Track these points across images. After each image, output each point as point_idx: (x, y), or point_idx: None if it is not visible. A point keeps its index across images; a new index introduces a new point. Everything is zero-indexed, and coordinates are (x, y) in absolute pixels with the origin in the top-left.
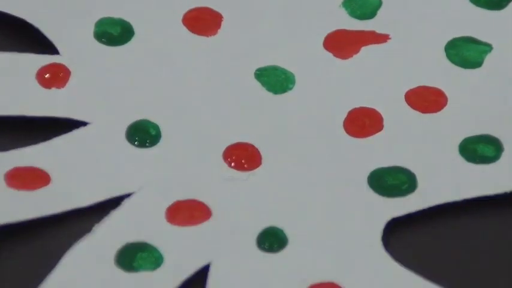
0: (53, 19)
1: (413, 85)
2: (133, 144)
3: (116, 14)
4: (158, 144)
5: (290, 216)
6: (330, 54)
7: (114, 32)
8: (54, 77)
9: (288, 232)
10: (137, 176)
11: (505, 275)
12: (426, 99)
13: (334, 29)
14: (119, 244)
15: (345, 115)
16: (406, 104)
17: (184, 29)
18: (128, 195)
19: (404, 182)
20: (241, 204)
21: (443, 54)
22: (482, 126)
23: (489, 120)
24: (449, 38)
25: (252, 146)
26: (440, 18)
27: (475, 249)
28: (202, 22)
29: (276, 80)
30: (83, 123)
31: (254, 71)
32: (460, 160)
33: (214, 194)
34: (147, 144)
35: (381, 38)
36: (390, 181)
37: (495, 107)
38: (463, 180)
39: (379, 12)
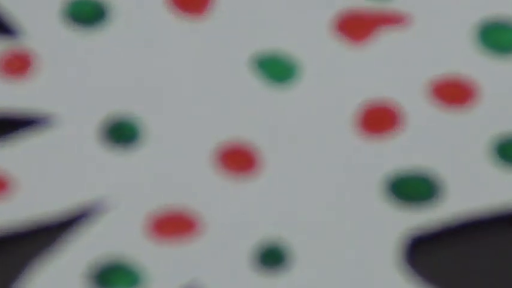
0: None
1: (438, 74)
2: (109, 143)
3: None
4: (138, 144)
5: (292, 229)
6: (341, 38)
7: (85, 12)
8: (16, 64)
9: (290, 248)
10: (113, 182)
11: None
12: (453, 91)
13: (345, 7)
14: (92, 261)
15: (358, 110)
16: (430, 96)
17: (169, 7)
18: (102, 205)
19: (429, 189)
20: (234, 214)
21: (474, 37)
22: None
23: None
24: (481, 18)
25: (249, 146)
26: None
27: (508, 271)
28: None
29: (277, 67)
30: (48, 120)
31: (252, 56)
32: (495, 164)
33: (203, 202)
34: (124, 143)
35: (400, 19)
36: (411, 189)
37: None
38: (498, 187)
39: None
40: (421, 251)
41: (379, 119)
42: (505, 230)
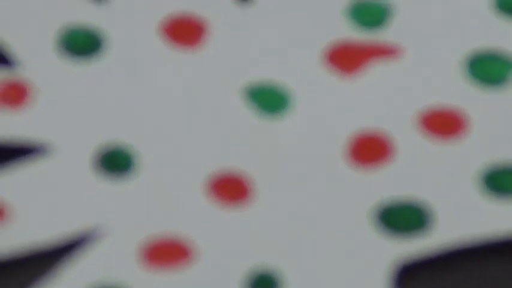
0: (8, 26)
1: (428, 105)
2: (102, 173)
3: (82, 21)
4: (131, 173)
5: (283, 258)
6: (331, 70)
7: (80, 42)
8: (11, 94)
9: (281, 276)
10: (106, 210)
11: None
12: (442, 122)
13: (335, 39)
14: None
15: (348, 140)
16: (419, 128)
17: (162, 38)
18: (96, 233)
19: (418, 219)
20: (227, 243)
21: (463, 69)
22: (509, 154)
23: None
24: (470, 50)
25: (241, 176)
26: (461, 27)
27: None
28: (183, 31)
29: (268, 98)
30: (43, 149)
31: (244, 88)
32: (485, 194)
33: (195, 230)
34: (117, 173)
35: (390, 51)
36: (401, 218)
37: None
38: (486, 217)
39: (389, 20)
40: (410, 279)
41: (369, 149)
42: (494, 259)
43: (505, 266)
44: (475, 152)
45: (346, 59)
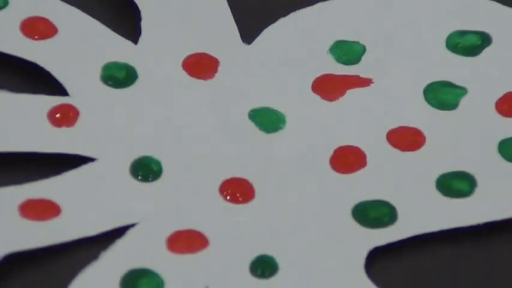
0: (62, 63)
1: (394, 125)
2: (137, 178)
3: (122, 59)
4: (160, 178)
5: (280, 245)
6: (318, 97)
7: (120, 76)
8: (64, 116)
9: (279, 260)
10: (140, 208)
11: None
12: (406, 139)
13: (321, 73)
14: (123, 270)
15: (331, 153)
16: (388, 143)
17: (184, 72)
18: (131, 225)
19: (386, 214)
20: (235, 234)
21: (422, 97)
22: (458, 163)
23: (464, 157)
24: (428, 82)
25: (246, 181)
26: (419, 64)
27: (450, 276)
28: (200, 67)
29: (267, 120)
30: (91, 159)
31: (248, 111)
32: (437, 194)
33: (211, 224)
34: (149, 178)
35: (365, 82)
36: (372, 213)
37: (469, 146)
38: (439, 213)
39: (363, 58)
40: (379, 261)
41: (347, 159)
42: (447, 243)
43: (456, 250)
44: (430, 161)
45: (329, 88)
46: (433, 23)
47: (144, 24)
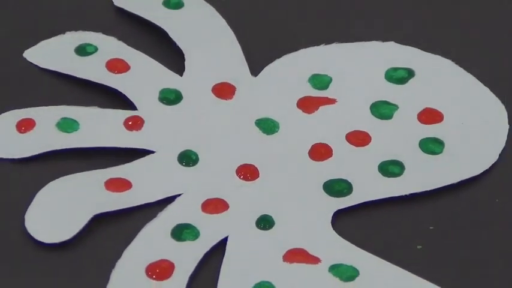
0: (133, 88)
1: (350, 130)
2: (182, 164)
3: (172, 86)
4: (197, 165)
5: (276, 208)
6: (300, 111)
7: (171, 97)
8: (134, 123)
9: (275, 218)
10: (184, 184)
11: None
12: (358, 138)
13: (303, 95)
14: (172, 224)
15: (309, 147)
16: (346, 141)
17: (212, 94)
18: (178, 195)
19: (345, 188)
20: (247, 200)
21: (369, 111)
22: (392, 154)
23: (396, 151)
24: (373, 101)
25: (254, 166)
26: (367, 89)
27: (398, 232)
28: (224, 91)
29: (267, 126)
30: (152, 152)
31: (254, 120)
32: (379, 175)
33: (231, 195)
34: (190, 164)
35: (331, 101)
36: (336, 187)
37: (400, 143)
38: (381, 187)
39: (330, 86)
40: (342, 220)
41: (320, 152)
42: (386, 208)
43: (391, 212)
44: (374, 153)
45: (308, 105)
46: (376, 63)
47: (186, 63)
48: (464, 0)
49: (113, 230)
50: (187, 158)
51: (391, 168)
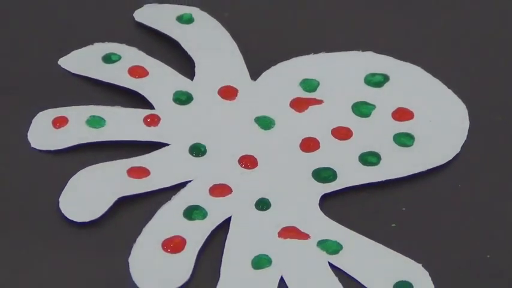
0: (151, 90)
1: (335, 126)
2: (192, 155)
3: (184, 89)
4: (205, 155)
5: (272, 192)
6: (293, 110)
7: (183, 98)
8: (152, 120)
9: (271, 200)
10: (194, 171)
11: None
12: (341, 133)
13: (295, 97)
14: (184, 206)
15: (300, 140)
16: (331, 135)
17: (218, 96)
18: (189, 181)
19: (331, 175)
20: (248, 186)
21: (350, 110)
22: (370, 146)
23: (374, 143)
24: (354, 101)
25: (253, 156)
26: (349, 92)
27: (376, 213)
28: (228, 93)
29: (265, 122)
30: (167, 144)
31: (254, 118)
32: (359, 165)
33: (234, 180)
34: (199, 155)
35: (319, 102)
36: (323, 175)
37: (377, 137)
38: (361, 175)
39: (318, 88)
40: (329, 202)
41: (309, 145)
42: (367, 192)
43: (371, 195)
44: (355, 146)
45: (299, 105)
46: (357, 69)
47: (196, 69)
48: (433, 15)
49: (133, 210)
50: (197, 150)
51: (369, 159)
